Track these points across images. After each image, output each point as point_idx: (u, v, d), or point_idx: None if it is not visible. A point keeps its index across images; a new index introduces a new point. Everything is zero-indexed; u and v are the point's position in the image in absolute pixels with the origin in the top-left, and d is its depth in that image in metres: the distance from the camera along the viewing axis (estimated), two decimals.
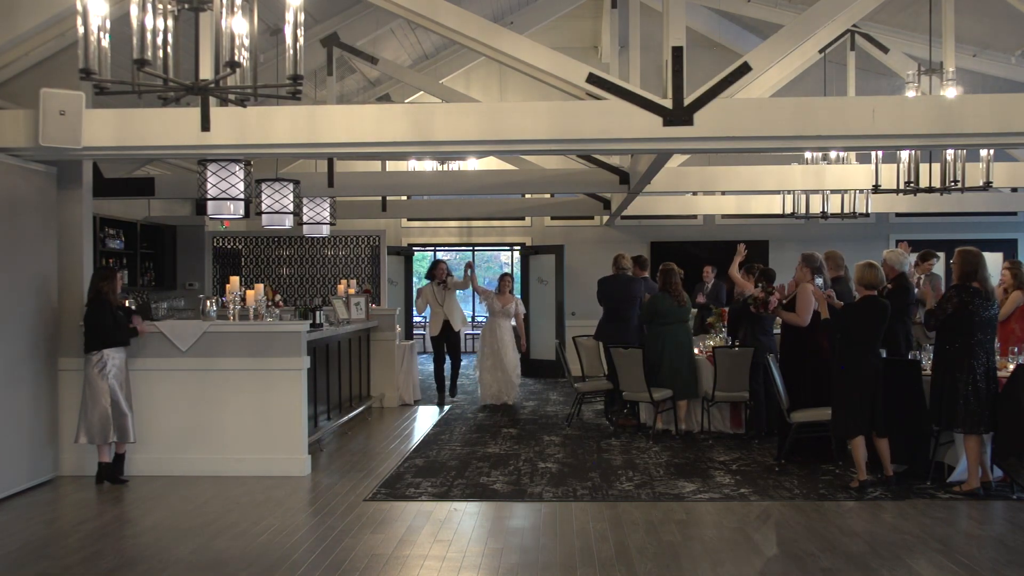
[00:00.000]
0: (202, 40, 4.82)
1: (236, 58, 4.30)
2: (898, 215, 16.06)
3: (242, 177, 8.13)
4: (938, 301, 7.14)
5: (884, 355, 7.68)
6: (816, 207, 11.72)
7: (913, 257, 9.78)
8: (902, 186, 9.12)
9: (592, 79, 6.70)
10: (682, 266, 10.59)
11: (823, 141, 7.08)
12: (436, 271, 12.55)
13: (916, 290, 9.08)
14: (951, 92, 8.08)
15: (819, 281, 8.19)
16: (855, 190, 11.19)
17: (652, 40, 7.47)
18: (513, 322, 12.42)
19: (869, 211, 11.58)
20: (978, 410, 6.90)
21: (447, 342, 12.52)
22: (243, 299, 8.65)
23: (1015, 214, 16.06)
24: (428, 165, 13.16)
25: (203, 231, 13.77)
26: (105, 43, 4.24)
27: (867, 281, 7.35)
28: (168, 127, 6.89)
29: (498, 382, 12.12)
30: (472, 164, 13.75)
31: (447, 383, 12.73)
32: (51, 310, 7.90)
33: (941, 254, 11.40)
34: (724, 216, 16.21)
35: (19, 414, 7.44)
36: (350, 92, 13.54)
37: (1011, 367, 7.19)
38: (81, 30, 4.16)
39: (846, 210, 11.50)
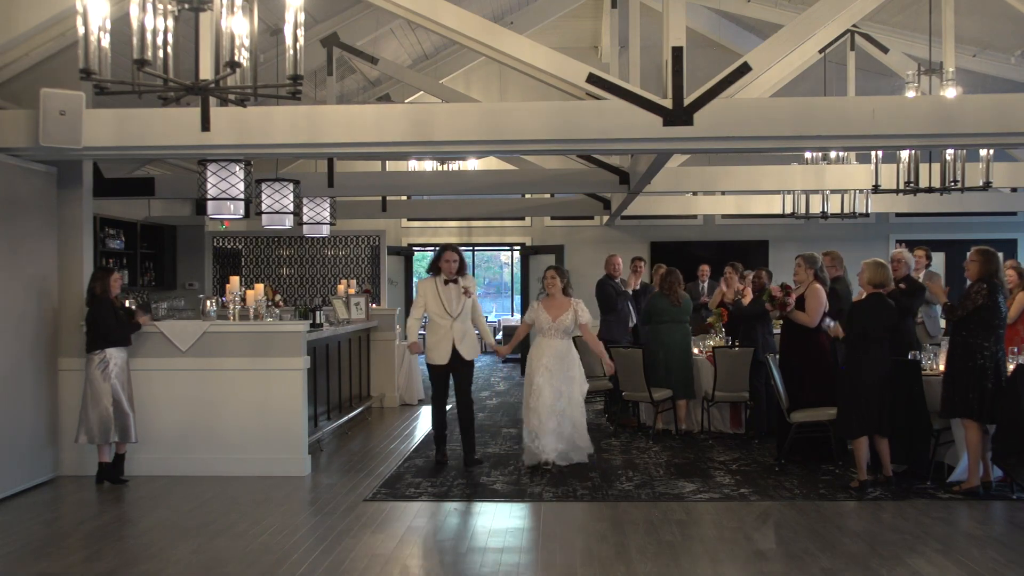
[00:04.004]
0: (202, 40, 4.81)
1: (236, 58, 4.30)
2: (898, 215, 16.07)
3: (242, 177, 8.14)
4: (963, 294, 7.14)
5: None
6: (816, 207, 11.72)
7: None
8: (902, 186, 9.12)
9: (592, 79, 6.70)
10: (682, 266, 10.62)
11: (823, 141, 7.09)
12: (441, 261, 8.24)
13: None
14: (951, 92, 8.07)
15: (828, 322, 8.16)
16: (855, 190, 11.19)
17: (652, 40, 7.47)
18: (564, 337, 8.21)
19: (869, 211, 11.59)
20: (990, 401, 6.92)
21: (455, 375, 8.24)
22: (243, 299, 8.65)
23: (1015, 214, 16.07)
24: (428, 165, 13.16)
25: (203, 231, 13.78)
26: (105, 43, 4.24)
27: (878, 280, 7.39)
28: (168, 127, 6.90)
29: (554, 432, 7.99)
30: (472, 164, 13.75)
31: (448, 438, 8.66)
32: (51, 310, 7.90)
33: (941, 253, 11.43)
34: (724, 216, 16.22)
35: (19, 414, 7.44)
36: (350, 92, 13.55)
37: (1011, 367, 7.20)
38: (81, 30, 4.16)
39: (846, 210, 11.50)
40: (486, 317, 9.69)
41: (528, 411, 8.04)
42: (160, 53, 4.28)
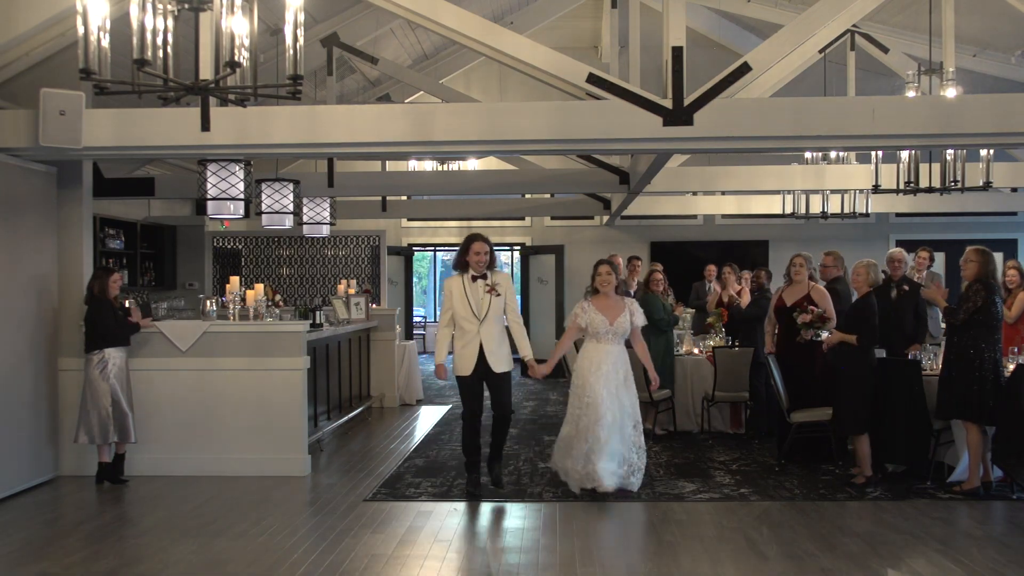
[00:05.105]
0: (202, 40, 4.81)
1: (236, 58, 4.30)
2: (898, 215, 16.07)
3: (242, 177, 8.15)
4: (962, 297, 7.15)
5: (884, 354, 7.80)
6: (816, 207, 11.73)
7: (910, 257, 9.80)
8: (902, 186, 9.13)
9: (592, 79, 6.70)
10: (682, 266, 10.59)
11: (823, 141, 7.09)
12: (469, 255, 7.21)
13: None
14: (951, 92, 8.08)
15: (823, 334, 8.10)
16: (855, 190, 11.19)
17: (652, 40, 7.47)
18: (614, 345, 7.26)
19: (869, 211, 11.59)
20: (989, 402, 6.93)
21: (488, 383, 7.22)
22: (243, 299, 8.65)
23: (1015, 214, 16.08)
24: (428, 165, 13.16)
25: (203, 231, 13.78)
26: (105, 43, 4.24)
27: (874, 280, 7.55)
28: (168, 127, 6.90)
29: (616, 454, 7.08)
30: (472, 164, 13.76)
31: (483, 459, 7.46)
32: (51, 310, 7.90)
33: (941, 253, 11.44)
34: (724, 216, 16.23)
35: (19, 414, 7.44)
36: (350, 92, 13.55)
37: (1011, 367, 7.20)
38: (81, 30, 4.17)
39: (846, 210, 11.51)
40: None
41: (579, 430, 7.08)
42: (160, 53, 4.28)
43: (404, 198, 14.98)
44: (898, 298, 8.53)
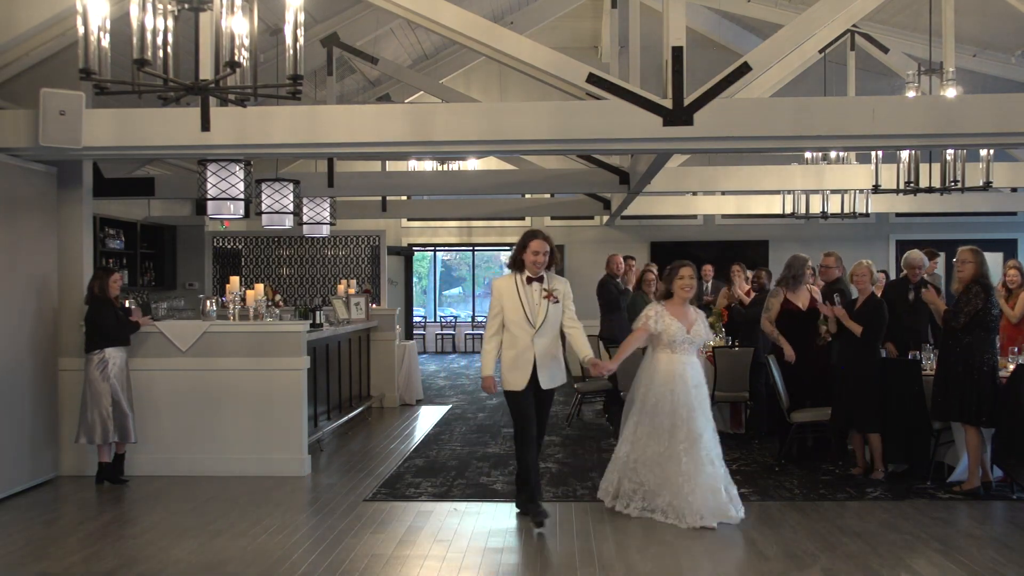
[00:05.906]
0: (202, 40, 4.82)
1: (236, 58, 4.30)
2: (898, 215, 16.09)
3: (242, 177, 8.15)
4: (961, 299, 7.13)
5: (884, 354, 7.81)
6: (816, 207, 11.74)
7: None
8: (902, 186, 9.13)
9: (592, 79, 6.70)
10: None
11: (823, 141, 7.10)
12: (526, 253, 6.35)
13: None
14: (951, 92, 8.08)
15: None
16: (855, 190, 11.20)
17: (652, 40, 7.47)
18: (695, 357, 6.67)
19: (869, 211, 11.61)
20: (988, 404, 6.93)
21: (538, 399, 6.39)
22: (243, 299, 8.65)
23: (1015, 214, 16.09)
24: (428, 165, 13.17)
25: (203, 231, 13.78)
26: (105, 43, 4.25)
27: (875, 280, 7.67)
28: (168, 127, 6.90)
29: (709, 486, 6.29)
30: (472, 164, 13.76)
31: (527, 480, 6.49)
32: (51, 310, 7.90)
33: (942, 254, 11.45)
34: (724, 216, 16.25)
35: (19, 414, 7.44)
36: (350, 92, 13.55)
37: (1011, 367, 7.20)
38: (81, 30, 4.17)
39: (846, 210, 11.52)
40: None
41: (671, 455, 6.30)
42: (160, 53, 4.29)
43: (404, 198, 14.98)
44: (916, 301, 8.50)
